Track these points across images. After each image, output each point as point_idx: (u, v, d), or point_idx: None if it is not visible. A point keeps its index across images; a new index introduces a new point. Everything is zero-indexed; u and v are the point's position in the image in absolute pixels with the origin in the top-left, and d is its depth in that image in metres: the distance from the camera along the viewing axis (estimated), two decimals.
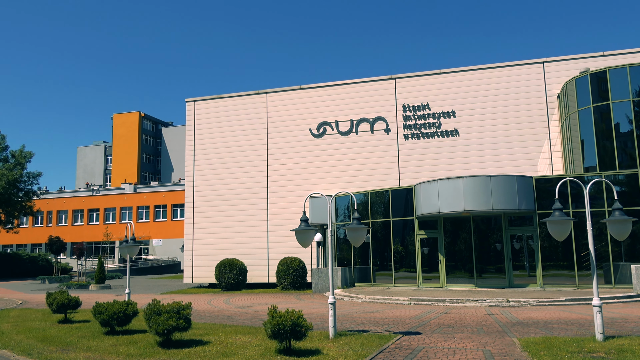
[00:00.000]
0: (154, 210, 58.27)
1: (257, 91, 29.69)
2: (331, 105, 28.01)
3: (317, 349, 9.60)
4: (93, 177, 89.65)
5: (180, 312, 10.28)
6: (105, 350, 10.11)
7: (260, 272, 27.67)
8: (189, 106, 30.98)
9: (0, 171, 42.45)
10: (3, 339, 11.71)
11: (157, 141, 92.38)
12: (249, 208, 28.44)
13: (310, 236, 11.12)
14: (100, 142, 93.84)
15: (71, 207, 61.35)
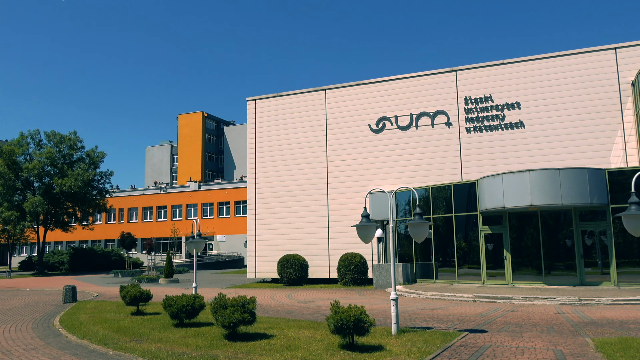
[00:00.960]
0: (217, 207, 59.91)
1: (315, 88, 29.86)
2: (390, 100, 27.75)
3: (380, 345, 9.58)
4: (160, 176, 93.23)
5: (245, 306, 10.54)
6: (175, 342, 10.52)
7: (321, 267, 27.87)
8: (249, 105, 31.60)
9: (76, 171, 44.95)
10: (81, 330, 12.41)
11: (220, 140, 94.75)
12: (309, 204, 28.69)
13: (372, 232, 11.09)
14: (166, 142, 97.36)
15: (141, 205, 64.11)
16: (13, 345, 10.85)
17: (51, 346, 10.61)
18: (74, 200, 46.22)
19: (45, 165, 45.39)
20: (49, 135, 46.75)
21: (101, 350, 9.95)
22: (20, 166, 45.29)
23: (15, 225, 45.26)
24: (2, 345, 10.80)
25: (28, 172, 44.54)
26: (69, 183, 43.45)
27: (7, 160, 44.64)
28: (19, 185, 45.38)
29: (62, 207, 46.57)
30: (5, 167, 44.28)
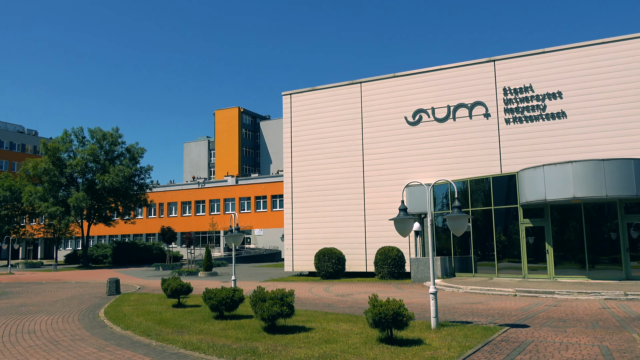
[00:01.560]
0: (254, 201, 60.53)
1: (351, 81, 29.74)
2: (427, 91, 27.39)
3: (419, 339, 9.51)
4: (198, 171, 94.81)
5: (284, 299, 10.62)
6: (215, 334, 10.70)
7: (358, 261, 27.84)
8: (285, 99, 31.74)
9: (117, 167, 46.18)
10: (125, 321, 12.77)
11: (256, 134, 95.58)
12: (345, 198, 28.65)
13: (410, 225, 10.99)
14: (204, 138, 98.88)
15: (180, 199, 65.38)
16: (61, 335, 11.25)
17: (97, 337, 10.95)
18: (115, 195, 47.53)
19: (88, 161, 46.80)
20: (92, 131, 48.10)
21: (144, 341, 10.21)
22: (65, 163, 46.81)
23: (60, 220, 46.88)
24: (51, 336, 11.21)
25: (72, 168, 46.02)
26: (110, 179, 44.67)
27: (52, 157, 46.24)
28: (63, 181, 46.94)
29: (104, 202, 47.94)
30: (50, 164, 45.88)
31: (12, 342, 10.60)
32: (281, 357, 8.45)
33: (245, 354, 8.70)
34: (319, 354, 8.61)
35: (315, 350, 8.90)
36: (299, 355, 8.53)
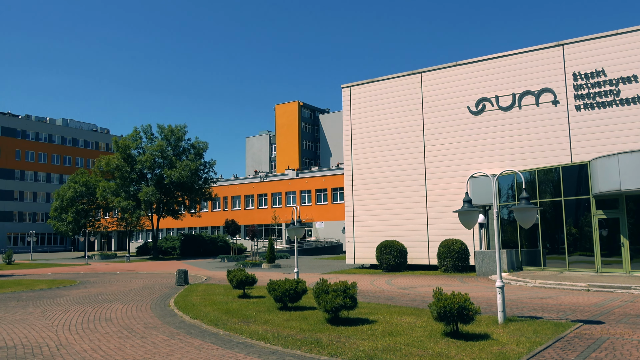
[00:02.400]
0: (315, 194, 60.98)
1: (411, 72, 29.27)
2: (490, 79, 26.53)
3: (486, 334, 9.29)
4: (260, 165, 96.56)
5: (347, 291, 10.66)
6: (280, 325, 10.89)
7: (420, 254, 27.48)
8: (344, 92, 31.68)
9: (184, 162, 47.80)
10: (194, 310, 13.23)
11: (316, 128, 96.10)
12: (407, 190, 28.32)
13: (474, 217, 10.73)
14: (265, 132, 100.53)
15: (243, 193, 66.88)
16: (135, 323, 11.81)
17: (168, 325, 11.42)
18: (182, 190, 49.23)
19: (156, 157, 48.70)
20: (161, 127, 49.98)
21: (212, 330, 10.55)
22: (135, 159, 48.96)
23: (132, 214, 49.14)
24: (126, 323, 11.79)
25: (141, 164, 48.09)
26: (177, 173, 46.30)
27: (123, 153, 48.45)
28: (134, 176, 49.10)
29: (172, 196, 49.77)
30: (121, 160, 48.10)
31: (90, 328, 11.24)
32: (345, 348, 8.50)
33: (309, 345, 8.81)
34: (383, 346, 8.59)
35: (379, 342, 8.88)
36: (362, 347, 8.55)
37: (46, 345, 9.56)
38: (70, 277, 26.76)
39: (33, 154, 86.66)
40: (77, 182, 57.62)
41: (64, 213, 57.54)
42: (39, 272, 31.73)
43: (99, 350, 8.98)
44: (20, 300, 16.56)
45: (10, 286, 21.78)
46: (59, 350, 9.11)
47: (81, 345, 9.44)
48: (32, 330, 11.07)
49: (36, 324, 11.87)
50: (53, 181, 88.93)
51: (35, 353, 8.89)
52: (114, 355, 8.60)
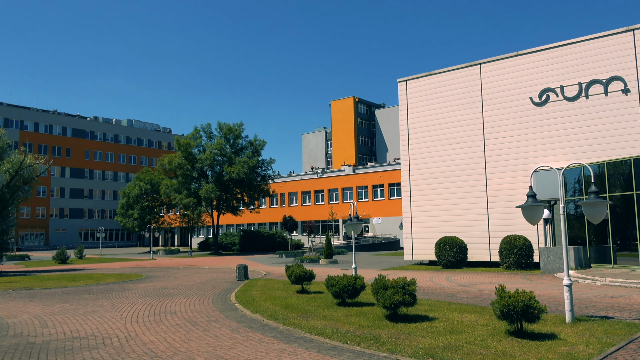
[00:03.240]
0: (372, 189, 60.68)
1: (469, 63, 28.53)
2: (554, 69, 25.44)
3: (553, 333, 8.94)
4: (316, 161, 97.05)
5: (406, 288, 10.53)
6: (338, 320, 10.91)
7: (481, 250, 26.80)
8: (400, 86, 31.29)
9: (242, 159, 48.76)
10: (254, 305, 13.47)
11: (372, 123, 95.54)
12: (466, 185, 27.66)
13: (539, 213, 10.33)
14: (321, 129, 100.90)
15: (300, 189, 67.46)
16: (198, 316, 12.15)
17: (229, 319, 11.68)
18: (241, 186, 50.23)
19: (215, 155, 49.92)
20: (220, 125, 51.19)
21: (272, 325, 10.70)
22: (195, 157, 50.37)
23: (193, 211, 50.61)
24: (189, 316, 12.15)
25: (202, 162, 49.43)
26: (236, 170, 47.28)
27: (185, 152, 49.96)
28: (194, 174, 50.54)
29: (231, 192, 50.88)
30: (183, 158, 49.62)
31: (156, 320, 11.66)
32: (404, 345, 8.40)
33: (368, 341, 8.77)
34: (444, 344, 8.43)
35: (440, 340, 8.72)
36: (423, 344, 8.42)
37: (116, 336, 9.99)
38: (137, 272, 27.87)
39: (101, 153, 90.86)
40: (142, 180, 59.92)
41: (130, 210, 60.02)
42: (107, 267, 33.28)
43: (165, 342, 9.30)
44: (91, 293, 17.41)
45: (82, 280, 22.95)
46: (127, 341, 9.51)
47: (148, 337, 9.81)
48: (102, 322, 11.61)
49: (106, 316, 12.44)
50: (119, 179, 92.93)
51: (106, 344, 9.32)
52: (179, 347, 8.88)
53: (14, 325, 11.32)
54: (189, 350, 8.62)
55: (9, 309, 14.03)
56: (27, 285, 20.96)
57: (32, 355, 8.51)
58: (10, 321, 11.91)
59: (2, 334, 10.34)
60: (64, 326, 11.17)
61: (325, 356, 7.93)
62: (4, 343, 9.50)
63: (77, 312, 13.22)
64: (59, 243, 77.69)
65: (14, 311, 13.53)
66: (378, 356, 7.82)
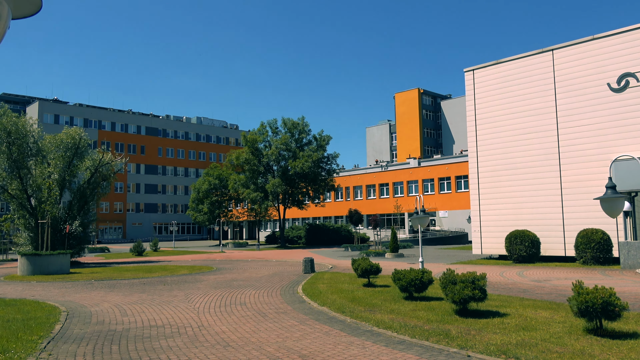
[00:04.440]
0: (438, 182, 59.58)
1: (540, 50, 27.31)
2: (633, 52, 23.87)
3: (636, 332, 8.45)
4: (381, 154, 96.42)
5: (475, 283, 10.29)
6: (406, 314, 10.81)
7: (555, 244, 25.68)
8: (467, 76, 30.43)
9: (307, 153, 49.23)
10: (321, 298, 13.60)
11: (437, 115, 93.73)
12: (538, 176, 26.56)
13: (620, 205, 9.76)
14: (385, 121, 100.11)
15: (364, 183, 67.29)
16: (267, 308, 12.42)
17: (297, 311, 11.85)
18: (306, 181, 50.77)
19: (281, 150, 50.71)
20: (285, 121, 51.94)
21: (339, 318, 10.76)
22: (262, 152, 51.40)
23: (260, 205, 51.68)
24: (259, 308, 12.44)
25: (268, 157, 50.37)
26: (301, 165, 47.82)
27: (251, 147, 51.08)
28: (261, 169, 51.58)
29: (296, 187, 51.54)
30: (250, 154, 50.76)
31: (227, 311, 12.03)
32: (475, 341, 8.21)
33: (437, 336, 8.65)
34: (517, 341, 8.16)
35: (512, 337, 8.46)
36: (494, 340, 8.20)
37: (190, 325, 10.40)
38: (208, 264, 28.84)
39: (172, 150, 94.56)
40: (211, 176, 61.85)
41: (201, 204, 62.14)
42: (180, 259, 34.64)
43: (236, 332, 9.58)
44: (166, 284, 18.19)
45: (157, 271, 24.03)
46: (200, 330, 9.87)
47: (220, 327, 10.13)
48: (177, 312, 12.11)
49: (180, 306, 12.97)
50: (190, 175, 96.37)
51: (181, 332, 9.72)
52: (250, 337, 9.12)
53: (96, 314, 12.03)
54: (259, 340, 8.83)
55: (91, 298, 14.92)
56: (107, 276, 22.20)
57: (114, 342, 9.01)
58: (93, 309, 12.67)
59: (87, 322, 11.02)
60: (142, 315, 11.75)
61: (394, 350, 7.89)
62: (88, 330, 10.12)
63: (153, 302, 13.86)
64: (135, 236, 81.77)
65: (96, 300, 14.37)
66: (448, 351, 7.69)
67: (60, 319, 11.18)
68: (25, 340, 8.97)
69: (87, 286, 18.20)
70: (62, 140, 31.32)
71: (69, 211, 31.11)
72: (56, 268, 24.02)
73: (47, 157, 31.35)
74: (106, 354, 8.08)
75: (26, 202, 29.76)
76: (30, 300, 14.57)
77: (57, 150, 31.39)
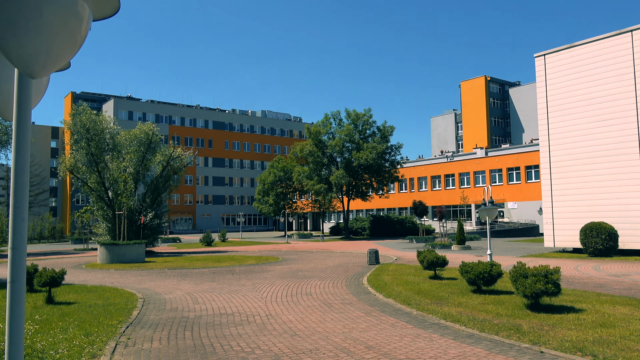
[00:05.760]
0: (506, 172, 57.67)
1: (618, 31, 25.70)
2: None
3: None
4: (446, 145, 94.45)
5: (548, 276, 9.91)
6: (474, 308, 10.58)
7: (635, 237, 24.22)
8: (538, 61, 29.15)
9: (371, 144, 49.00)
10: (386, 289, 13.55)
11: (505, 103, 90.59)
12: (615, 165, 25.10)
13: None
14: (450, 111, 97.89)
15: (429, 174, 66.18)
16: (332, 298, 12.52)
17: (362, 302, 11.88)
18: (370, 172, 50.57)
19: (344, 141, 50.73)
20: (348, 112, 51.90)
21: (405, 310, 10.69)
22: (325, 144, 51.63)
23: (324, 196, 52.02)
24: (324, 298, 12.56)
25: (331, 148, 50.55)
26: (364, 156, 47.66)
27: (315, 139, 51.42)
28: (325, 161, 51.86)
29: (360, 178, 51.45)
30: (314, 146, 51.12)
31: (294, 301, 12.23)
32: (548, 337, 7.92)
33: (508, 331, 8.41)
34: (594, 338, 7.80)
35: (589, 333, 8.09)
36: (569, 337, 7.88)
37: (258, 314, 10.66)
38: (274, 254, 29.40)
39: (238, 143, 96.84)
40: (275, 168, 62.86)
41: (266, 196, 63.33)
42: (247, 249, 35.52)
43: (303, 322, 9.73)
44: (234, 274, 18.72)
45: (225, 261, 24.77)
46: (268, 319, 10.10)
47: (287, 316, 10.33)
48: (245, 300, 12.44)
49: (248, 295, 13.31)
50: (256, 167, 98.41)
51: (250, 321, 9.98)
52: (316, 327, 9.24)
53: (170, 301, 12.58)
54: (326, 330, 8.93)
55: (165, 286, 15.61)
56: (179, 265, 23.13)
57: (187, 328, 9.40)
58: (167, 297, 13.25)
59: (161, 308, 11.55)
60: (212, 303, 12.17)
61: (462, 344, 7.75)
62: (162, 316, 10.60)
63: (223, 290, 14.32)
64: (204, 227, 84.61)
65: (170, 288, 15.02)
66: (519, 347, 7.46)
67: (137, 305, 11.78)
68: (106, 325, 9.52)
69: (160, 274, 19.05)
70: (136, 136, 32.85)
71: (143, 203, 32.61)
72: (132, 257, 25.29)
73: (122, 152, 32.99)
74: (180, 340, 8.44)
75: (104, 194, 31.45)
76: (110, 287, 15.44)
77: (131, 145, 32.97)
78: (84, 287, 15.25)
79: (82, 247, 41.91)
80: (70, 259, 28.64)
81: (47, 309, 11.38)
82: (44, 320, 9.93)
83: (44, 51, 2.16)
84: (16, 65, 2.21)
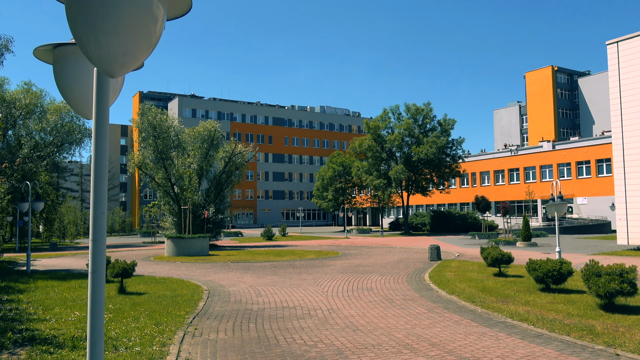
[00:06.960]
0: (575, 166, 55.16)
1: None
2: None
3: None
4: (510, 138, 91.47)
5: (623, 275, 9.41)
6: (543, 307, 10.20)
7: None
8: (610, 49, 27.62)
9: (431, 139, 48.17)
10: (449, 286, 13.29)
11: (574, 94, 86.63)
12: None
13: None
14: (514, 103, 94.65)
15: (492, 168, 64.29)
16: (393, 294, 12.42)
17: (425, 298, 11.71)
18: (430, 167, 49.74)
19: (404, 136, 50.13)
20: (407, 106, 51.23)
21: (470, 307, 10.44)
22: (384, 139, 51.21)
23: (383, 191, 51.65)
24: (385, 294, 12.48)
25: (391, 143, 50.07)
26: (424, 151, 46.90)
27: (374, 134, 51.11)
28: (384, 156, 51.46)
29: (420, 173, 50.70)
30: (372, 141, 50.84)
31: (355, 296, 12.22)
32: (624, 339, 7.52)
33: (580, 332, 8.05)
34: None
35: None
36: None
37: (319, 308, 10.74)
38: (334, 249, 29.51)
39: (297, 139, 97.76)
40: (334, 163, 62.98)
41: (325, 191, 63.59)
42: (307, 244, 35.83)
43: (364, 317, 9.71)
44: (295, 268, 18.93)
45: (286, 255, 25.10)
46: (330, 313, 10.15)
47: (348, 311, 10.34)
48: (306, 294, 12.56)
49: (309, 289, 13.43)
50: (315, 163, 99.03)
51: (312, 315, 10.07)
52: (378, 322, 9.19)
53: (234, 293, 12.89)
54: (388, 326, 8.87)
55: (228, 279, 16.00)
56: (242, 258, 23.65)
57: (251, 320, 9.59)
58: (231, 289, 13.58)
59: (226, 300, 11.85)
60: (274, 296, 12.37)
61: (531, 344, 7.49)
62: (227, 308, 10.87)
63: (284, 284, 14.52)
64: (265, 221, 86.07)
65: (233, 281, 15.39)
66: (592, 349, 7.13)
67: (203, 297, 12.15)
68: (174, 315, 9.88)
69: (224, 267, 19.55)
70: (199, 133, 33.85)
71: (207, 198, 33.56)
72: (197, 250, 26.11)
73: (187, 149, 34.08)
74: (245, 331, 8.63)
75: (170, 189, 32.60)
76: (177, 279, 16.00)
77: (195, 142, 34.01)
78: (153, 279, 15.88)
79: (150, 240, 43.68)
80: (139, 252, 29.92)
81: (120, 298, 11.94)
82: (117, 309, 10.43)
83: (122, 51, 2.24)
84: (96, 65, 2.30)
